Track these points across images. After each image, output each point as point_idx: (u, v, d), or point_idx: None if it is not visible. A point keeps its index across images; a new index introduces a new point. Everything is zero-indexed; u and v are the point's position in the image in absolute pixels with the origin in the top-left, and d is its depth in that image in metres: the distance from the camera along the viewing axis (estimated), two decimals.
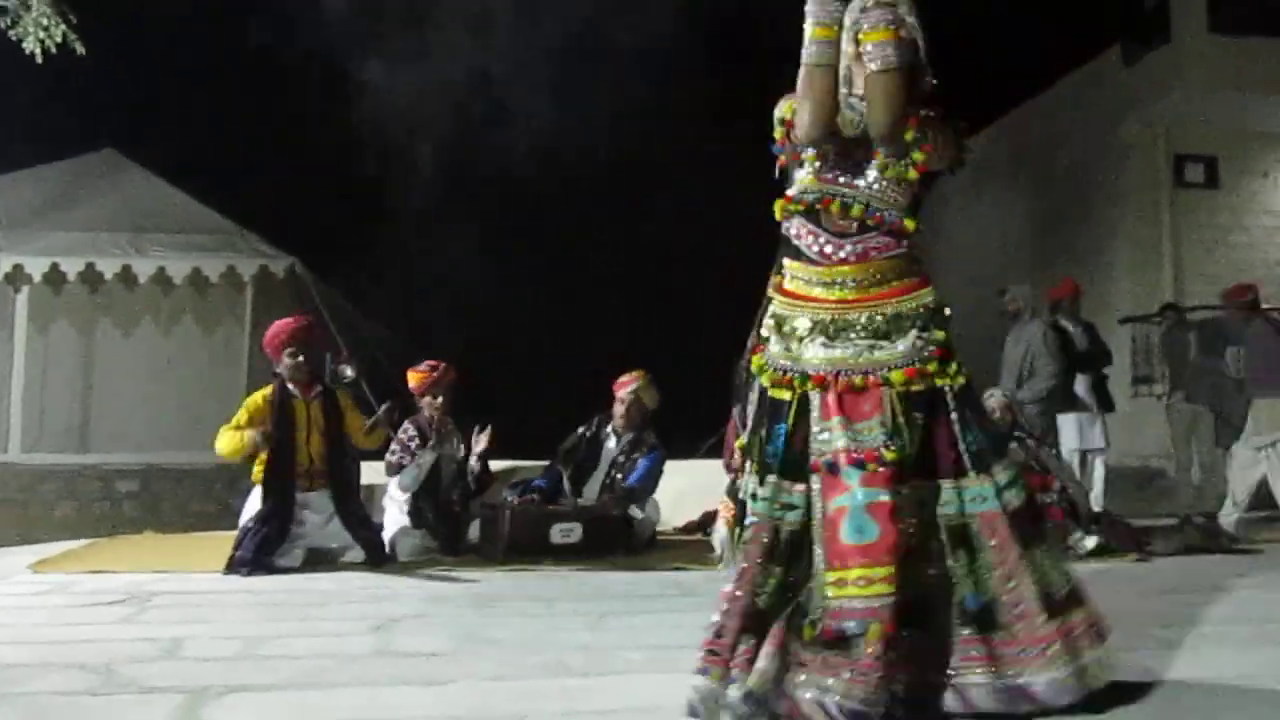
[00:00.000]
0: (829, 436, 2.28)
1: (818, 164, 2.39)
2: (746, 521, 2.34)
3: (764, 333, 2.44)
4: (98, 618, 3.73)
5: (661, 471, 6.27)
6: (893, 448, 2.25)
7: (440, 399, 6.03)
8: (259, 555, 4.96)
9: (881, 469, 2.23)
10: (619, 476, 6.14)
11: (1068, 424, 7.49)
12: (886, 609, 2.16)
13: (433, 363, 6.13)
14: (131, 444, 9.39)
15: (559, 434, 6.43)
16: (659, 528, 6.41)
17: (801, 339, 2.37)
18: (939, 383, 2.34)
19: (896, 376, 2.30)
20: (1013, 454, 5.72)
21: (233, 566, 4.93)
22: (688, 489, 7.22)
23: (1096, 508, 7.54)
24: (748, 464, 2.40)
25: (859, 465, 2.24)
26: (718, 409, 7.78)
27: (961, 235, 13.97)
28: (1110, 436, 7.68)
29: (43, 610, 3.91)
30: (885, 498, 2.21)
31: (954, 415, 2.34)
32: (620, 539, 5.68)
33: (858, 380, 2.30)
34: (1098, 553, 5.48)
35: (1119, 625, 3.32)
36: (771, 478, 2.29)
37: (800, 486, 2.29)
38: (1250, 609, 3.88)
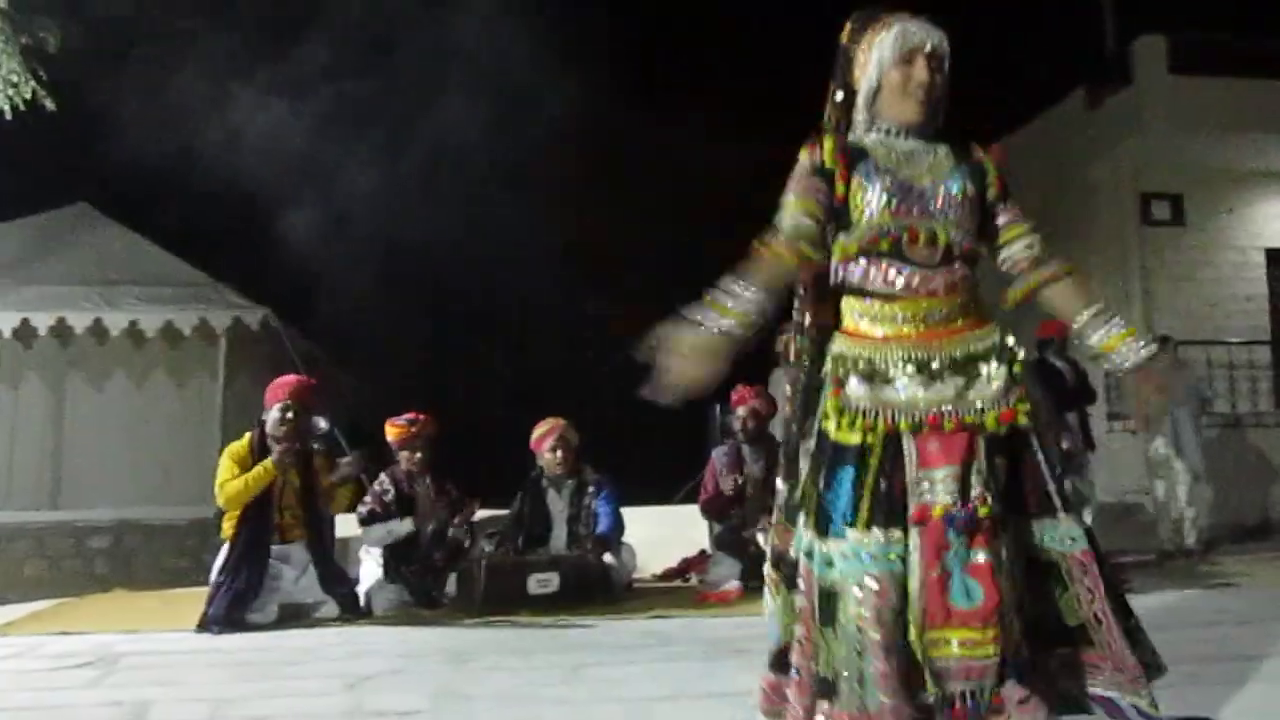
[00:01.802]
0: (929, 487, 2.17)
1: (885, 197, 2.27)
2: (802, 584, 2.22)
3: (840, 373, 2.29)
4: (63, 682, 3.64)
5: (620, 503, 6.18)
6: (988, 501, 2.17)
7: (419, 454, 5.95)
8: (231, 612, 4.88)
9: (980, 525, 2.15)
10: (581, 530, 6.03)
11: None
12: (992, 670, 2.11)
13: (412, 415, 6.03)
14: (103, 500, 9.23)
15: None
16: (635, 575, 6.35)
17: (890, 379, 2.24)
18: (1021, 421, 2.25)
19: (990, 419, 2.22)
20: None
21: (205, 625, 4.84)
22: (664, 535, 7.17)
23: None
24: (801, 517, 2.27)
25: (964, 525, 2.14)
26: (692, 455, 7.80)
27: None
28: (1093, 474, 7.74)
29: (6, 675, 3.82)
30: (984, 558, 2.14)
31: (1040, 455, 2.28)
32: (599, 587, 5.61)
33: (967, 418, 2.21)
34: None
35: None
36: (877, 532, 2.15)
37: (897, 534, 2.17)
38: (1231, 646, 3.86)
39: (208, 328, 9.22)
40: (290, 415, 5.34)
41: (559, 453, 6.14)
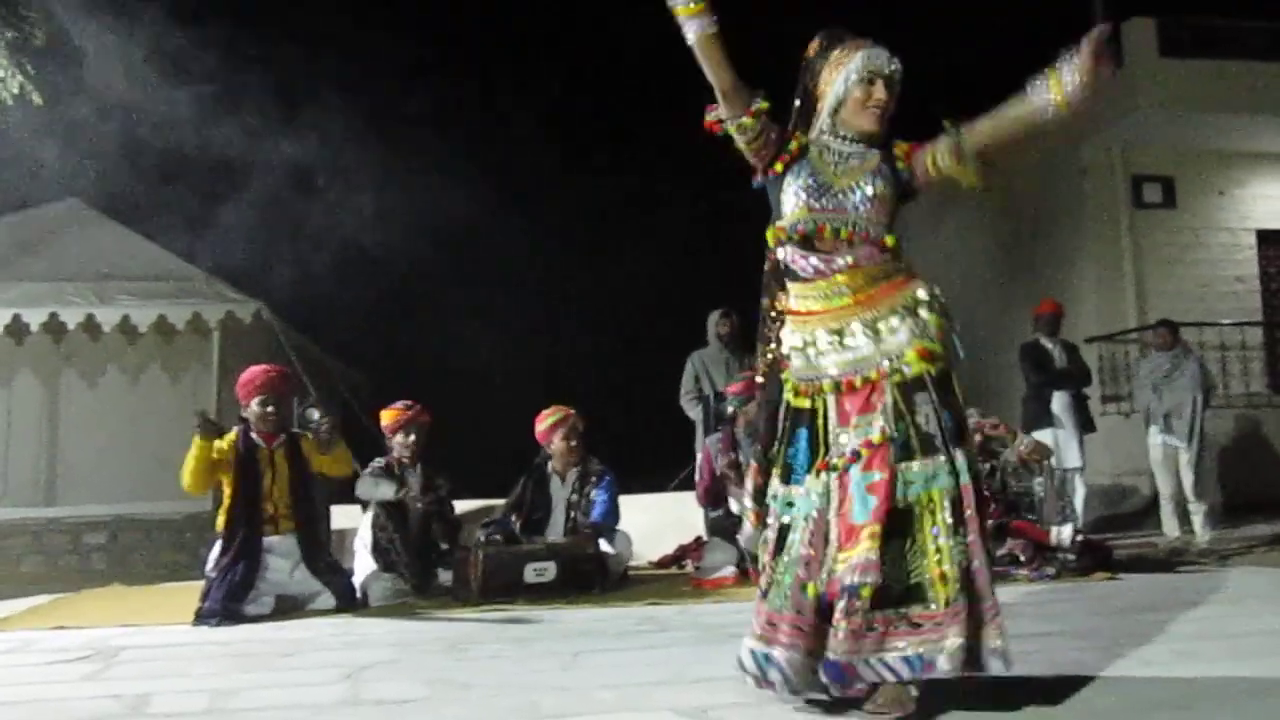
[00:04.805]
0: (846, 440, 2.56)
1: (804, 196, 2.63)
2: (770, 521, 2.65)
3: (785, 350, 2.72)
4: (61, 676, 3.65)
5: (618, 494, 6.21)
6: (885, 431, 2.51)
7: (412, 437, 5.99)
8: (227, 604, 4.90)
9: (876, 451, 2.50)
10: (579, 518, 6.04)
11: (1041, 441, 7.55)
12: (872, 567, 2.38)
13: (408, 402, 6.11)
14: (99, 495, 9.23)
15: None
16: (632, 563, 6.37)
17: (821, 351, 2.63)
18: (931, 367, 2.55)
19: (909, 356, 2.55)
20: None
21: (201, 618, 4.86)
22: (660, 523, 7.19)
23: (1075, 526, 7.60)
24: (775, 470, 2.69)
25: (857, 457, 2.51)
26: (687, 443, 7.82)
27: (925, 262, 14.02)
28: (1086, 455, 7.76)
29: (3, 670, 3.82)
30: (879, 476, 2.48)
31: (932, 396, 2.55)
32: (595, 575, 5.62)
33: (873, 374, 2.56)
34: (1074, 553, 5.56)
35: (1092, 644, 3.34)
36: (809, 479, 2.57)
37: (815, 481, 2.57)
38: (1222, 625, 3.89)
39: (201, 322, 9.20)
40: (270, 408, 5.36)
41: (572, 441, 6.17)
